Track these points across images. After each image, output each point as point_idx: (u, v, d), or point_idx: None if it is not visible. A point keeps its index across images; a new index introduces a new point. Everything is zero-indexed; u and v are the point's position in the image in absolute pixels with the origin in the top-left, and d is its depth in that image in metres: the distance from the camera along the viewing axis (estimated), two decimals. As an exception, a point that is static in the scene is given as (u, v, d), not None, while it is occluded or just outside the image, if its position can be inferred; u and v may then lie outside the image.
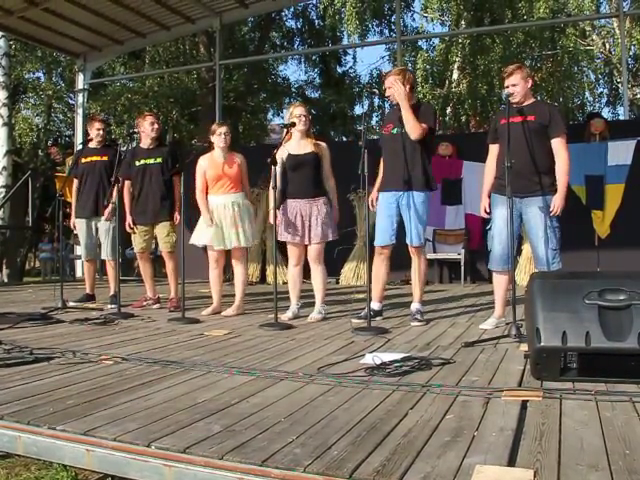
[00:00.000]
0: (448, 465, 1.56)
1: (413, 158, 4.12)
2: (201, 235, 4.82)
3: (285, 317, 4.40)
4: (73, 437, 1.86)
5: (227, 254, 4.96)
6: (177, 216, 5.15)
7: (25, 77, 16.71)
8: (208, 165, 4.82)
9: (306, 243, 4.47)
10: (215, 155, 4.83)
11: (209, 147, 4.84)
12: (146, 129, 5.26)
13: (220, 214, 4.77)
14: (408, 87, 4.13)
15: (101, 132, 5.63)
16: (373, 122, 17.06)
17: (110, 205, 5.26)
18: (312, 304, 4.58)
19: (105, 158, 5.55)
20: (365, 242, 3.95)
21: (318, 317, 4.43)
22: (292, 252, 4.54)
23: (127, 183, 5.31)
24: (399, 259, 4.40)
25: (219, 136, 4.77)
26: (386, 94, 4.24)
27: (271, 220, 4.44)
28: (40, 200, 17.86)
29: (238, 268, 4.86)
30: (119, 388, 2.42)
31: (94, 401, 2.22)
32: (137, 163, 5.24)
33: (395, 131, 4.20)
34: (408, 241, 4.18)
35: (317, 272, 4.50)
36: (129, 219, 5.27)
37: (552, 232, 3.70)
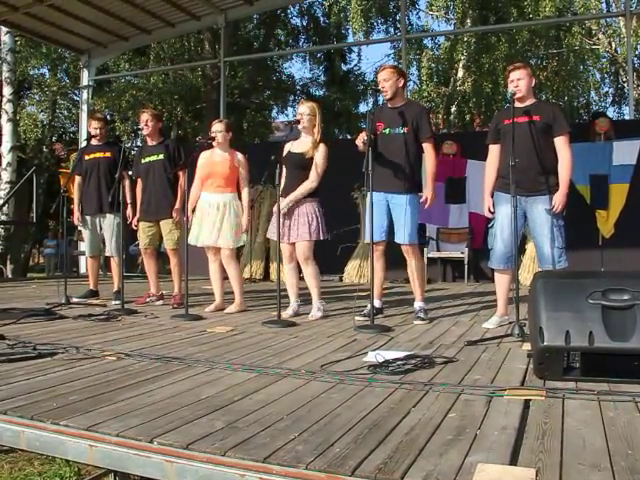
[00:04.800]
0: (450, 463, 1.56)
1: (407, 159, 4.14)
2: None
3: (285, 315, 4.39)
4: (76, 432, 1.87)
5: None
6: (175, 213, 5.16)
7: (30, 73, 16.75)
8: (203, 161, 4.85)
9: (285, 242, 4.47)
10: (212, 152, 4.86)
11: (211, 144, 4.85)
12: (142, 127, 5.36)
13: (204, 212, 4.77)
14: (402, 82, 4.23)
15: (99, 130, 5.59)
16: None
17: (129, 206, 5.36)
18: (311, 302, 4.57)
19: (108, 155, 5.58)
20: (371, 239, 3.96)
21: (318, 315, 4.42)
22: (282, 250, 4.54)
23: (139, 181, 5.38)
24: (402, 257, 4.39)
25: (212, 134, 4.80)
26: (380, 87, 4.23)
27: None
28: (44, 196, 17.89)
29: (228, 269, 4.82)
30: (122, 384, 2.43)
31: (97, 397, 2.23)
32: (142, 160, 5.32)
33: (387, 131, 4.18)
34: (400, 240, 4.19)
35: (306, 271, 4.49)
36: (135, 217, 5.36)
37: (558, 231, 3.70)
